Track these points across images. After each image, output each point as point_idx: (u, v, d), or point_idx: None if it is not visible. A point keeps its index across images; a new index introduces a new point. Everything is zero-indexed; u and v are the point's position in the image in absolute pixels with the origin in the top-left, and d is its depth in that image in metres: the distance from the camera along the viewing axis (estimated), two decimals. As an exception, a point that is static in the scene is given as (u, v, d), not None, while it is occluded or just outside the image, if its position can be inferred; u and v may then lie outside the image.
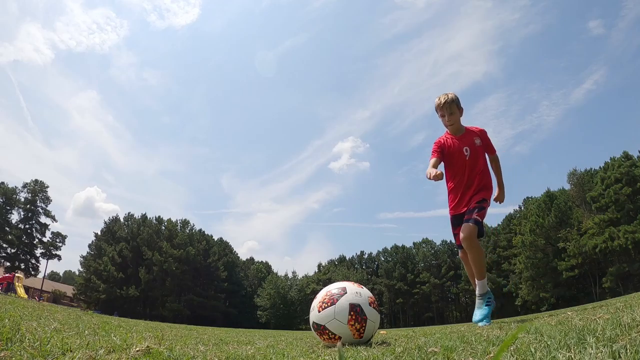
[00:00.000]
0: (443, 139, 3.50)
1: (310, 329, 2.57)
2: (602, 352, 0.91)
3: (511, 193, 72.63)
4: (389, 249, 59.62)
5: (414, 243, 58.82)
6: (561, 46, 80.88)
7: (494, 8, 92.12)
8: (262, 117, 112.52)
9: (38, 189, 43.69)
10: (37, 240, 42.66)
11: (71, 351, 1.20)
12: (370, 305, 2.33)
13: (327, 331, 2.25)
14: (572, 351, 0.97)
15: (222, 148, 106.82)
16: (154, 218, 53.94)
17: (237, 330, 12.23)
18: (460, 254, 3.65)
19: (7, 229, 40.51)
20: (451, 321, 47.96)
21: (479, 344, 1.47)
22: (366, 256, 63.30)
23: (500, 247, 47.25)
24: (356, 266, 61.90)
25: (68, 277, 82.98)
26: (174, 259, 48.97)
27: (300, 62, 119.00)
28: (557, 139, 79.77)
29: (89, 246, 49.91)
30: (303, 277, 59.55)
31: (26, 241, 41.62)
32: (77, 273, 57.12)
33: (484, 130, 3.55)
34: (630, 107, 68.15)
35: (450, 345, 1.52)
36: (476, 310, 3.31)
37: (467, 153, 3.39)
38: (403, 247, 58.45)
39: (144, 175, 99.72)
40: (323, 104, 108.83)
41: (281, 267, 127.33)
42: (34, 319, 2.60)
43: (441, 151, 3.43)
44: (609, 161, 37.34)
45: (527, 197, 48.07)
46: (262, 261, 67.72)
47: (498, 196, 3.60)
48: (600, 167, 38.63)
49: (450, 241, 53.48)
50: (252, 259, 68.16)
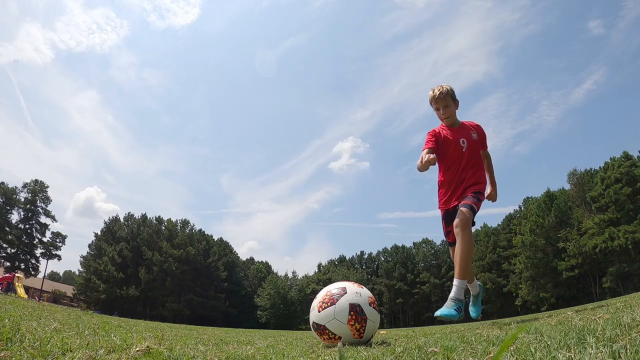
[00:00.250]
0: (438, 129, 3.31)
1: (310, 329, 2.57)
2: (602, 352, 0.91)
3: (511, 193, 72.87)
4: (389, 249, 59.62)
5: (414, 243, 58.91)
6: (561, 46, 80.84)
7: (494, 8, 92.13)
8: (262, 117, 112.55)
9: (38, 189, 43.68)
10: (37, 240, 42.65)
11: (71, 351, 1.20)
12: (370, 305, 2.33)
13: (327, 331, 2.25)
14: (572, 351, 0.97)
15: (222, 148, 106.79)
16: (154, 218, 53.97)
17: (237, 330, 12.23)
18: (451, 253, 3.36)
19: (7, 229, 40.51)
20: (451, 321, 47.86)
21: (479, 344, 1.47)
22: (366, 256, 63.30)
23: (500, 247, 47.18)
24: (356, 266, 61.88)
25: (68, 277, 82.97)
26: (174, 259, 48.96)
27: (300, 62, 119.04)
28: (557, 139, 79.76)
29: (89, 246, 49.98)
30: (303, 277, 59.58)
31: (26, 241, 41.61)
32: (77, 273, 57.13)
33: (480, 125, 3.39)
34: (630, 107, 68.18)
35: (450, 345, 1.52)
36: (443, 307, 2.90)
37: (464, 145, 3.19)
38: (403, 247, 58.44)
39: (144, 175, 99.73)
40: (323, 104, 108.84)
41: (281, 267, 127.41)
42: (34, 319, 2.60)
43: (436, 141, 3.21)
44: (609, 161, 37.33)
45: (527, 197, 48.09)
46: (262, 261, 67.81)
47: (491, 194, 3.40)
48: (600, 167, 38.62)
49: (450, 241, 53.24)
50: (252, 259, 68.19)
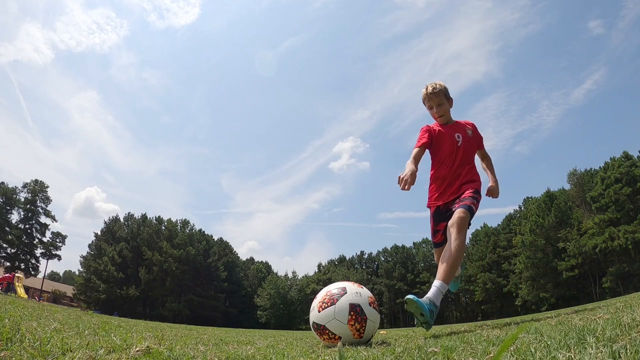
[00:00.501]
0: (432, 125, 3.22)
1: (310, 329, 2.57)
2: (602, 352, 0.91)
3: (511, 193, 72.86)
4: (389, 249, 59.62)
5: (414, 243, 58.89)
6: (561, 46, 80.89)
7: (494, 8, 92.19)
8: (262, 117, 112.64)
9: (38, 189, 43.66)
10: (37, 240, 42.61)
11: (71, 351, 1.20)
12: (370, 305, 2.33)
13: (327, 331, 2.25)
14: (572, 351, 0.97)
15: (222, 148, 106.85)
16: (154, 218, 53.96)
17: (237, 330, 12.24)
18: (436, 256, 3.16)
19: (7, 229, 40.49)
20: (451, 321, 47.92)
21: (479, 344, 1.47)
22: (366, 256, 63.32)
23: (500, 247, 47.19)
24: (356, 266, 61.90)
25: (68, 277, 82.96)
26: (174, 259, 48.96)
27: (300, 62, 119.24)
28: (557, 139, 79.73)
29: (89, 246, 50.00)
30: (303, 277, 59.59)
31: (26, 241, 41.59)
32: (77, 273, 57.08)
33: (475, 124, 3.32)
34: (630, 107, 68.20)
35: (450, 345, 1.52)
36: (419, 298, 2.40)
37: (459, 139, 3.09)
38: (403, 247, 58.45)
39: (144, 175, 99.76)
40: (323, 104, 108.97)
41: (281, 267, 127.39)
42: (34, 319, 2.60)
43: (429, 136, 3.08)
44: (609, 161, 37.35)
45: (527, 197, 48.11)
46: (262, 261, 67.84)
47: (494, 190, 3.26)
48: (600, 167, 38.63)
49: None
50: (252, 259, 68.21)
